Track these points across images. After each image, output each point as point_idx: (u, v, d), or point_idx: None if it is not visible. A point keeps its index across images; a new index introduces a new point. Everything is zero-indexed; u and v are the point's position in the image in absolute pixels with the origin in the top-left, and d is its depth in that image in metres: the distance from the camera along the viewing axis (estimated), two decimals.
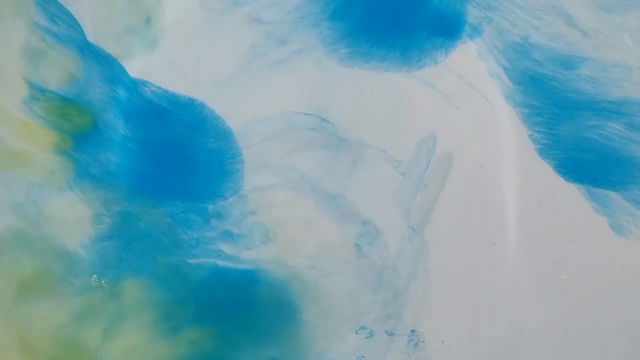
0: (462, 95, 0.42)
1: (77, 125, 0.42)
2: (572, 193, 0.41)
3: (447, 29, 0.42)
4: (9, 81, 0.41)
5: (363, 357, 0.41)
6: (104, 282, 0.41)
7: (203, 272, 0.41)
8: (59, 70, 0.41)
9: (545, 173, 0.41)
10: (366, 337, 0.41)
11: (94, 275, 0.41)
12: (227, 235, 0.42)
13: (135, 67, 0.42)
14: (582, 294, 0.41)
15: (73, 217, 0.41)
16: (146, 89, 0.42)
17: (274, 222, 0.42)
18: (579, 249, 0.41)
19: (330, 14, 0.42)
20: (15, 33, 0.41)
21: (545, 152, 0.41)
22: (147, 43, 0.42)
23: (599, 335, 0.41)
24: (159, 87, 0.42)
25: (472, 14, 0.42)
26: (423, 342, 0.41)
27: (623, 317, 0.41)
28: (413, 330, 0.41)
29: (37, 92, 0.41)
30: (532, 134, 0.41)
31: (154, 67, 0.42)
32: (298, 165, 0.42)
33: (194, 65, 0.42)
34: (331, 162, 0.42)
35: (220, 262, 0.42)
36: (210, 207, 0.42)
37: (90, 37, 0.42)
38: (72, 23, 0.42)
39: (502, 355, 0.41)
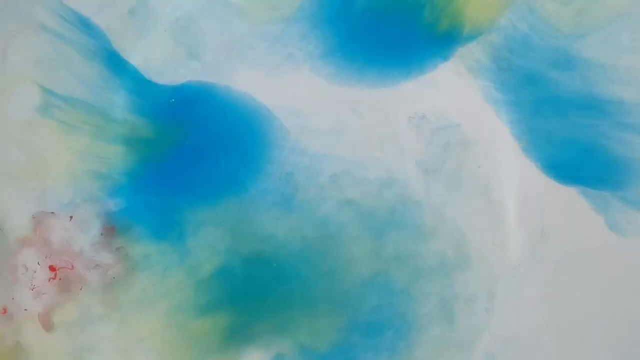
0: (461, 95, 0.42)
1: (100, 131, 0.42)
2: (571, 193, 0.41)
3: (444, 36, 0.42)
4: (27, 88, 0.41)
5: None
6: None
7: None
8: (76, 76, 0.42)
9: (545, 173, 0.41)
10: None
11: None
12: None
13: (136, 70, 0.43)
14: (582, 294, 0.41)
15: None
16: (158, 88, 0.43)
17: None
18: (579, 248, 0.41)
19: (324, 23, 0.43)
20: (31, 40, 0.42)
21: (530, 150, 0.41)
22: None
23: (599, 335, 0.40)
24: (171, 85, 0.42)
25: (469, 17, 0.42)
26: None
27: (623, 316, 0.40)
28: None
29: (55, 98, 0.41)
30: (517, 132, 0.42)
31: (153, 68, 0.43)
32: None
33: (194, 66, 0.43)
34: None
35: None
36: None
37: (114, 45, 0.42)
38: (88, 29, 0.42)
39: (502, 355, 0.41)
